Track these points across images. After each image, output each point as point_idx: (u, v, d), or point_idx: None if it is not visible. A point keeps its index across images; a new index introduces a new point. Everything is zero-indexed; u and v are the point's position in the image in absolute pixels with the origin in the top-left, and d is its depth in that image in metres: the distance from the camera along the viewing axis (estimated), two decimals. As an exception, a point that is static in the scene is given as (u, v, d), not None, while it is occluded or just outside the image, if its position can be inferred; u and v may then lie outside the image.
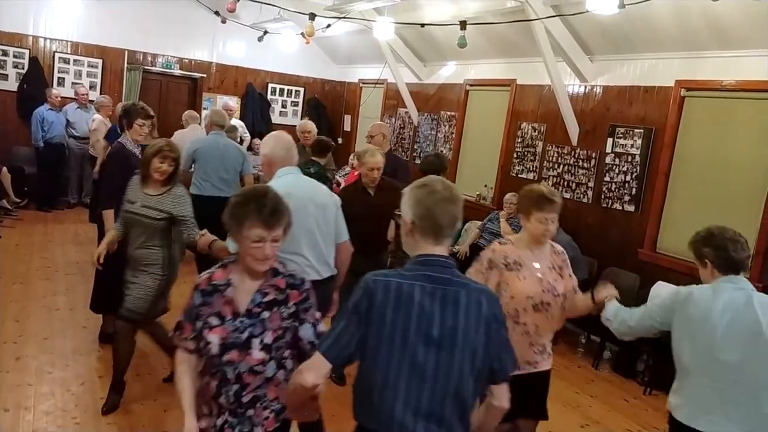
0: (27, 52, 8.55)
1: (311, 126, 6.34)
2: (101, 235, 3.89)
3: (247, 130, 8.90)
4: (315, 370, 1.67)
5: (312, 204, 2.96)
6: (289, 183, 2.89)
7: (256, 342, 1.88)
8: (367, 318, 1.66)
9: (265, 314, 1.90)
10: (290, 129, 9.76)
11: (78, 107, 8.28)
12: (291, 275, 1.98)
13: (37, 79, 8.49)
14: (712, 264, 2.39)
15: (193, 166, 5.37)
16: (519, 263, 2.67)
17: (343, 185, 5.81)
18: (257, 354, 1.88)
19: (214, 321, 1.90)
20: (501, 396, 1.77)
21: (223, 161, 5.32)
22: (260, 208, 1.86)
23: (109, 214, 3.77)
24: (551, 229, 2.66)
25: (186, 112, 7.43)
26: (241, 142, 8.15)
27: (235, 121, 8.72)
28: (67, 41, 8.82)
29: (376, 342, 1.66)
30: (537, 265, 2.70)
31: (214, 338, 1.88)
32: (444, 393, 1.66)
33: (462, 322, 1.66)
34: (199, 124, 7.28)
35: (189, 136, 6.32)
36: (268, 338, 1.89)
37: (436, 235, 1.73)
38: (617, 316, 2.61)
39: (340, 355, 1.67)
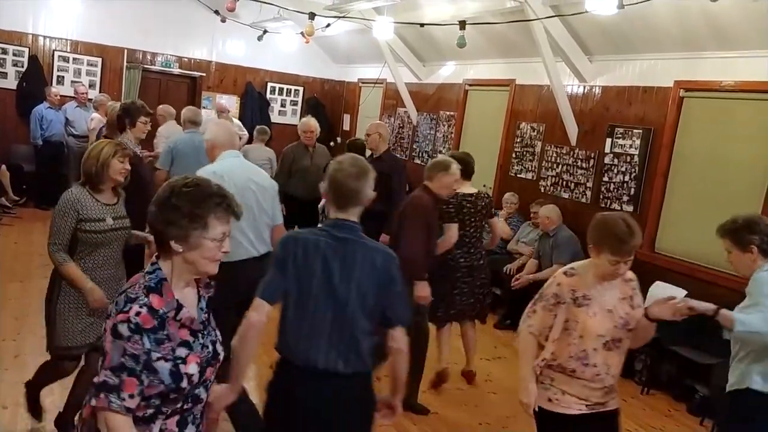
0: (26, 50, 8.55)
1: (314, 125, 6.02)
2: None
3: (244, 129, 8.87)
4: (257, 311, 2.05)
5: (253, 183, 3.22)
6: (234, 164, 3.23)
7: (218, 346, 1.75)
8: (285, 266, 2.08)
9: (209, 315, 1.76)
10: (290, 128, 9.88)
11: (77, 106, 8.27)
12: None
13: (36, 78, 8.50)
14: (758, 249, 2.59)
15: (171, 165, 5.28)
16: (588, 297, 2.37)
17: None
18: (222, 355, 1.76)
19: (183, 352, 1.60)
20: (397, 338, 2.11)
21: (198, 158, 5.21)
22: (224, 201, 1.64)
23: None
24: (621, 272, 2.35)
25: (161, 106, 6.93)
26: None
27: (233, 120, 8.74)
28: (66, 40, 8.82)
29: (290, 285, 2.07)
30: (607, 298, 2.39)
31: (194, 368, 1.61)
32: (341, 331, 2.06)
33: (357, 274, 2.05)
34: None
35: (174, 132, 6.07)
36: (219, 334, 1.78)
37: (340, 204, 2.11)
38: (761, 327, 2.43)
39: (272, 297, 2.08)
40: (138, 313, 1.52)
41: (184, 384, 1.58)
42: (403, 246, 3.49)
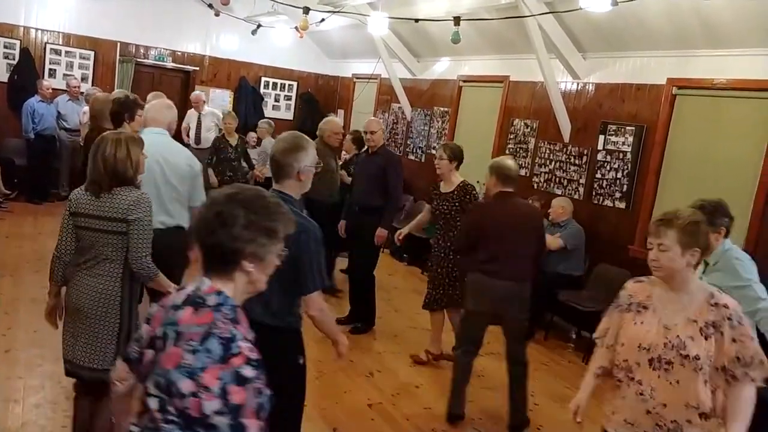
0: (18, 42, 8.48)
1: (340, 126, 5.68)
2: None
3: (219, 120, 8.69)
4: None
5: (162, 158, 3.39)
6: (152, 140, 3.36)
7: None
8: None
9: None
10: (285, 123, 9.83)
11: (69, 99, 8.22)
12: None
13: (28, 71, 8.43)
14: (726, 231, 2.80)
15: None
16: (644, 305, 2.19)
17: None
18: None
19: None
20: (308, 305, 2.33)
21: None
22: (286, 208, 1.53)
23: None
24: (653, 256, 2.12)
25: (116, 90, 6.47)
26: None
27: (208, 109, 8.62)
28: (58, 32, 8.75)
29: None
30: (669, 312, 2.13)
31: None
32: (269, 292, 2.20)
33: None
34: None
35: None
36: None
37: (275, 177, 2.37)
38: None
39: None
40: (251, 349, 1.38)
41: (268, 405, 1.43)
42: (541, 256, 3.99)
